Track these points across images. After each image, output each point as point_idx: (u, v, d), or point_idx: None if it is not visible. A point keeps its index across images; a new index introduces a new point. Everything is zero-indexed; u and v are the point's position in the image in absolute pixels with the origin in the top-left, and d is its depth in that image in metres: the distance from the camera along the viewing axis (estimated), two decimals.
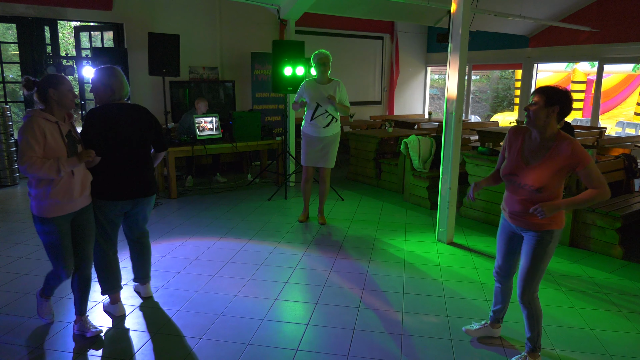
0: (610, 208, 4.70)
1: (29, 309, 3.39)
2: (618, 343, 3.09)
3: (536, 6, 8.79)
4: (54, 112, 2.82)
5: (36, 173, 2.65)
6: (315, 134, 5.21)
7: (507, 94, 18.16)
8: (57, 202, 2.78)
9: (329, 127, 5.20)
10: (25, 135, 2.66)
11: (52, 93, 2.77)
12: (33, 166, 2.62)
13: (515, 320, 3.35)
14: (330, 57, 5.18)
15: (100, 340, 3.03)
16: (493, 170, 3.00)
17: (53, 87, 2.78)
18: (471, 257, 4.54)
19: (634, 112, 13.10)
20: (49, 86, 2.77)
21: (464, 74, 4.66)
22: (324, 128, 5.19)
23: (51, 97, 2.78)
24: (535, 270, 2.65)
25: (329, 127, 5.20)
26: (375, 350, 2.97)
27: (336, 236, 5.09)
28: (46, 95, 2.78)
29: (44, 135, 2.71)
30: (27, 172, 2.65)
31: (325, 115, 5.15)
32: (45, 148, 2.71)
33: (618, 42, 8.81)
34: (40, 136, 2.69)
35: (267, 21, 9.21)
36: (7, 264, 4.20)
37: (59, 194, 2.78)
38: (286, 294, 3.71)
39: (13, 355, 2.85)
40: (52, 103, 2.80)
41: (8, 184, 7.04)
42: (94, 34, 8.46)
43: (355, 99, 11.18)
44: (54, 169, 2.66)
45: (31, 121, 2.70)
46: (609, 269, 4.29)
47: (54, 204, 2.79)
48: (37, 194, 2.78)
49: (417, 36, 11.96)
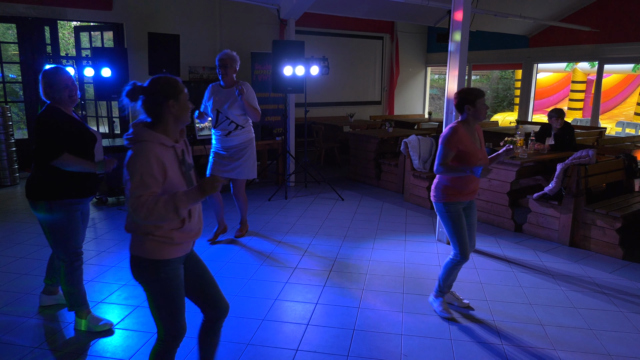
0: (610, 208, 4.70)
1: (29, 309, 3.40)
2: (618, 343, 3.09)
3: (536, 6, 8.79)
4: (169, 132, 2.07)
5: (149, 220, 1.94)
6: (218, 144, 4.69)
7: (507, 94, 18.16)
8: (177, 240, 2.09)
9: (231, 136, 4.61)
10: (140, 171, 1.92)
11: (172, 105, 2.05)
12: (145, 212, 1.90)
13: (516, 321, 3.35)
14: (236, 58, 4.58)
15: (100, 340, 3.03)
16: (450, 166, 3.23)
17: (174, 97, 2.05)
18: (471, 257, 4.54)
19: (634, 112, 13.10)
20: (170, 97, 2.04)
21: (464, 74, 4.66)
22: (225, 137, 4.62)
23: (170, 112, 2.05)
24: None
25: (231, 136, 4.61)
26: (375, 350, 2.97)
27: (336, 236, 5.09)
28: (162, 109, 2.04)
29: (164, 170, 1.98)
30: (142, 220, 1.94)
31: (227, 123, 4.58)
32: (164, 185, 1.99)
33: (618, 42, 8.81)
34: (159, 172, 1.96)
35: (267, 21, 9.21)
36: (7, 264, 4.20)
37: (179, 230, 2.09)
38: (286, 294, 3.71)
39: (13, 355, 2.85)
40: (168, 119, 2.06)
41: (8, 184, 7.04)
42: (94, 34, 8.46)
43: (355, 99, 11.19)
44: (170, 209, 1.92)
45: (145, 150, 1.95)
46: (609, 269, 4.29)
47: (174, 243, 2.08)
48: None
49: (417, 36, 11.96)
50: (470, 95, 3.15)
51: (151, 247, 2.02)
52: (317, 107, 10.34)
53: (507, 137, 6.03)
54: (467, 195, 3.27)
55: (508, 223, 5.38)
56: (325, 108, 10.61)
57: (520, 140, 5.64)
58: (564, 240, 4.90)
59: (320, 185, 7.34)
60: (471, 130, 3.23)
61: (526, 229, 5.26)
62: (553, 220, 5.00)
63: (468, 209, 3.38)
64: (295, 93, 6.67)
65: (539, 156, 5.53)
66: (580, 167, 4.83)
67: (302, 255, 4.54)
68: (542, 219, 5.11)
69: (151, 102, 2.02)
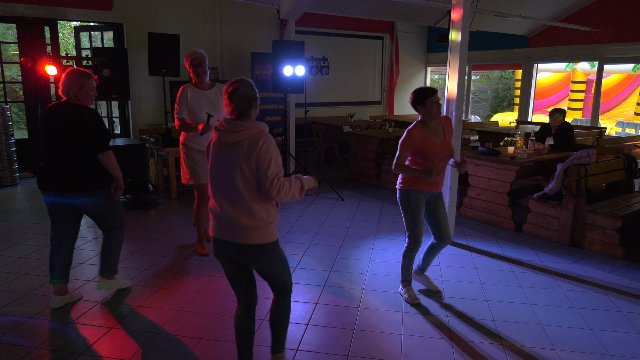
0: (610, 208, 4.70)
1: (29, 309, 3.40)
2: (618, 343, 3.09)
3: (536, 6, 8.79)
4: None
5: (287, 197, 2.35)
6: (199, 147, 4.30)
7: (507, 94, 18.15)
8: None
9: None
10: (274, 156, 2.32)
11: (257, 106, 2.44)
12: (286, 188, 2.33)
13: (516, 321, 3.35)
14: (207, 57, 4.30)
15: (100, 340, 3.04)
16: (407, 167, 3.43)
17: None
18: (471, 257, 4.53)
19: (634, 112, 13.10)
20: (256, 99, 2.43)
21: (464, 74, 4.66)
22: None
23: (257, 110, 2.46)
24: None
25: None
26: (375, 350, 2.97)
27: (336, 236, 5.09)
28: (255, 107, 2.42)
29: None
30: (282, 197, 2.32)
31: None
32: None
33: (618, 42, 8.81)
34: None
35: (267, 21, 9.20)
36: (7, 264, 4.20)
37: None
38: None
39: (13, 355, 2.85)
40: (255, 114, 2.46)
41: (8, 184, 7.04)
42: (94, 34, 8.46)
43: (355, 99, 11.19)
44: (298, 188, 2.41)
45: (270, 138, 2.35)
46: (609, 269, 4.29)
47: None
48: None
49: (417, 36, 11.96)
50: (420, 96, 3.31)
51: (273, 231, 2.44)
52: (317, 107, 10.34)
53: (507, 137, 6.04)
54: (429, 185, 3.42)
55: (508, 223, 5.38)
56: (325, 108, 10.60)
57: (520, 140, 5.65)
58: (564, 240, 4.90)
59: (320, 185, 7.34)
60: (429, 127, 3.39)
61: (526, 229, 5.26)
62: (553, 220, 5.00)
63: (435, 202, 3.53)
64: (295, 93, 6.67)
65: (539, 156, 5.53)
66: (580, 167, 4.83)
67: (302, 255, 4.54)
68: (542, 219, 5.11)
69: (250, 102, 2.38)
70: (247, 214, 2.32)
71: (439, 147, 3.36)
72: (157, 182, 6.89)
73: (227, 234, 2.37)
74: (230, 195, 2.33)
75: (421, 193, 3.42)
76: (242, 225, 2.32)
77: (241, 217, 2.31)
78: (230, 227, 2.35)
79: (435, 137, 3.39)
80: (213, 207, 2.41)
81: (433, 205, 3.52)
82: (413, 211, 3.44)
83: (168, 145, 6.54)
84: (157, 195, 6.64)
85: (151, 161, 7.04)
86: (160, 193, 6.73)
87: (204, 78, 4.25)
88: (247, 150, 2.28)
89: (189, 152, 4.32)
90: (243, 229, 2.33)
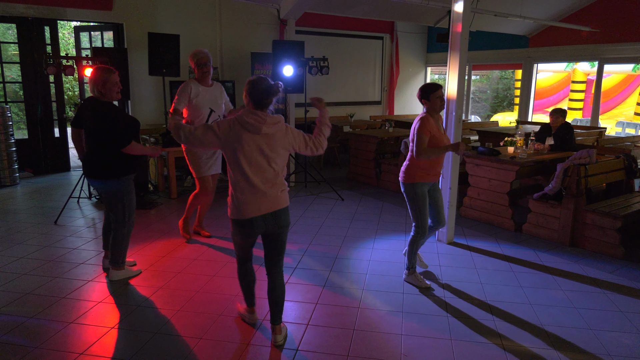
0: (610, 208, 4.70)
1: (29, 309, 3.40)
2: (618, 343, 3.09)
3: (536, 6, 8.79)
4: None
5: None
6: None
7: (507, 94, 18.15)
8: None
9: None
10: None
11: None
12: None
13: (516, 321, 3.35)
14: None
15: (100, 340, 3.04)
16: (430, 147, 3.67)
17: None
18: (471, 257, 4.53)
19: (634, 112, 13.10)
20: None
21: (464, 74, 4.66)
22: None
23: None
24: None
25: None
26: (375, 350, 2.97)
27: (336, 236, 5.09)
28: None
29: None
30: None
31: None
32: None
33: (618, 42, 8.81)
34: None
35: (267, 21, 9.21)
36: (7, 264, 4.20)
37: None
38: (286, 294, 3.70)
39: (13, 355, 2.85)
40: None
41: (8, 184, 7.04)
42: (94, 34, 8.46)
43: (355, 99, 11.19)
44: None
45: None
46: (609, 269, 4.29)
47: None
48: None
49: (417, 36, 11.96)
50: (425, 90, 3.67)
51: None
52: None
53: (507, 137, 6.04)
54: (433, 177, 3.76)
55: (508, 223, 5.38)
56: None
57: (520, 140, 5.65)
58: (564, 240, 4.90)
59: (320, 185, 7.34)
60: (435, 119, 3.71)
61: (526, 229, 5.26)
62: (553, 220, 5.00)
63: (434, 191, 3.89)
64: (295, 93, 6.67)
65: (539, 156, 5.53)
66: (581, 167, 4.83)
67: (302, 255, 4.54)
68: (542, 219, 5.11)
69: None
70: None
71: (444, 138, 3.75)
72: (157, 182, 6.90)
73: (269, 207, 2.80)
74: (269, 175, 2.78)
75: (426, 185, 3.74)
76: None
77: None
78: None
79: (440, 128, 3.78)
80: (251, 189, 2.75)
81: (433, 193, 3.88)
82: (420, 202, 3.73)
83: (168, 145, 6.54)
84: (157, 195, 6.64)
85: (151, 161, 7.05)
86: (160, 193, 6.73)
87: (208, 77, 4.49)
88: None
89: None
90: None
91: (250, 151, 2.70)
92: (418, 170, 3.69)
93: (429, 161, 3.67)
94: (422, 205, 3.73)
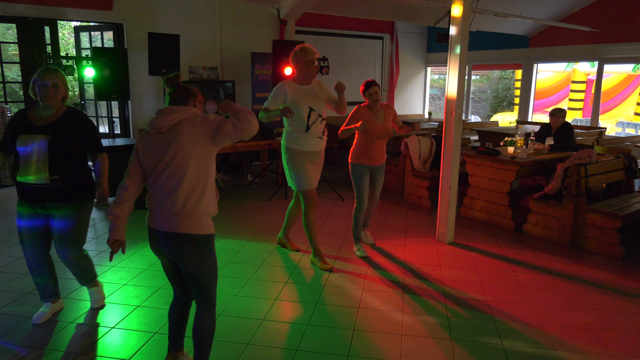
0: (610, 208, 4.70)
1: (29, 309, 3.39)
2: (618, 343, 3.09)
3: (536, 6, 8.79)
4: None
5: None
6: (313, 148, 4.09)
7: (507, 94, 18.15)
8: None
9: (325, 136, 4.17)
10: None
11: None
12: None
13: (516, 321, 3.35)
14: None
15: (100, 340, 3.04)
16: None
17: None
18: (471, 257, 4.53)
19: (634, 112, 13.10)
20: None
21: (464, 74, 4.66)
22: (319, 139, 4.11)
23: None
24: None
25: (325, 136, 4.17)
26: (375, 350, 2.97)
27: (336, 236, 5.09)
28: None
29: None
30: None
31: (320, 121, 4.08)
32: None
33: (618, 42, 8.81)
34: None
35: (267, 21, 9.20)
36: (7, 264, 4.20)
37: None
38: (286, 294, 3.71)
39: (13, 355, 2.85)
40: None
41: (8, 184, 7.04)
42: (94, 34, 8.46)
43: (355, 99, 11.17)
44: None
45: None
46: (609, 269, 4.29)
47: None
48: None
49: (417, 36, 11.95)
50: (363, 87, 4.37)
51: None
52: None
53: (507, 137, 6.04)
54: (370, 160, 4.39)
55: (508, 223, 5.38)
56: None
57: (520, 140, 5.65)
58: (564, 240, 4.90)
59: (320, 185, 7.32)
60: (372, 110, 4.37)
61: (526, 229, 5.26)
62: (553, 220, 5.00)
63: (375, 173, 4.51)
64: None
65: (539, 156, 5.53)
66: (580, 167, 4.83)
67: (302, 255, 4.54)
68: (542, 219, 5.10)
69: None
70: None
71: (377, 127, 4.32)
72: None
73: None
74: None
75: (364, 167, 4.40)
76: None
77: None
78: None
79: (376, 119, 4.36)
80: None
81: (373, 175, 4.51)
82: (358, 180, 4.40)
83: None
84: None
85: None
86: None
87: (312, 73, 4.06)
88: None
89: (293, 156, 4.09)
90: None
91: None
92: (355, 153, 4.42)
93: (363, 146, 4.35)
94: (359, 182, 4.39)
